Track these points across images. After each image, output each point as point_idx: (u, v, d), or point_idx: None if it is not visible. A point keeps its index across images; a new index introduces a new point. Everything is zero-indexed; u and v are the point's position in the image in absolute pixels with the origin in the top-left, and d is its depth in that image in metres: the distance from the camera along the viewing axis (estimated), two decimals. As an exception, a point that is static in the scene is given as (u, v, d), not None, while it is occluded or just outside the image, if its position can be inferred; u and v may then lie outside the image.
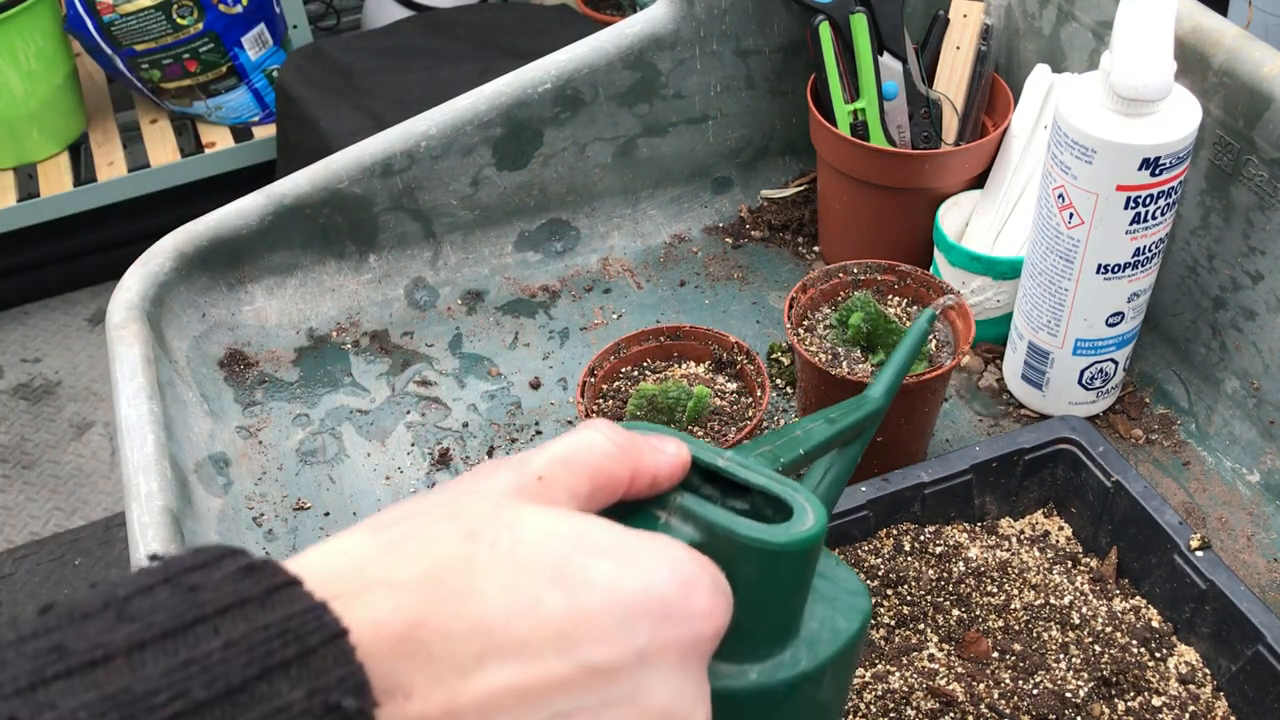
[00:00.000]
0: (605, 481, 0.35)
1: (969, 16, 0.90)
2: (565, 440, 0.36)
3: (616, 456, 0.35)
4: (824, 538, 0.36)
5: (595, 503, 0.35)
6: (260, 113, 2.13)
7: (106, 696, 0.25)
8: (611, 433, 0.36)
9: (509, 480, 0.34)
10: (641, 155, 1.01)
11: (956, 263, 0.85)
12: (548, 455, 0.35)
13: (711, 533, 0.36)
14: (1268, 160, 0.73)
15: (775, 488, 0.37)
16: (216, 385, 0.88)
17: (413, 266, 0.97)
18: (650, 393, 0.70)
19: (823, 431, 0.44)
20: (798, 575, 0.36)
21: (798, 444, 0.42)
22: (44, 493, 1.87)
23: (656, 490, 0.37)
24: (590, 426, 0.36)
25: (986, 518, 0.73)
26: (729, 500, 0.38)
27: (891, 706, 0.62)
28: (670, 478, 0.37)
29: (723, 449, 0.39)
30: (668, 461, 0.37)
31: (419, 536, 0.31)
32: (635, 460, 0.36)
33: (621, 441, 0.36)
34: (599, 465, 0.35)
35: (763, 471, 0.38)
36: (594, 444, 0.35)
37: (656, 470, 0.36)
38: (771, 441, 0.42)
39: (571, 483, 0.34)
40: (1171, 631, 0.66)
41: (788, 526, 0.35)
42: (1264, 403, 0.78)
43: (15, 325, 2.17)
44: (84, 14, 1.92)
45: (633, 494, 0.36)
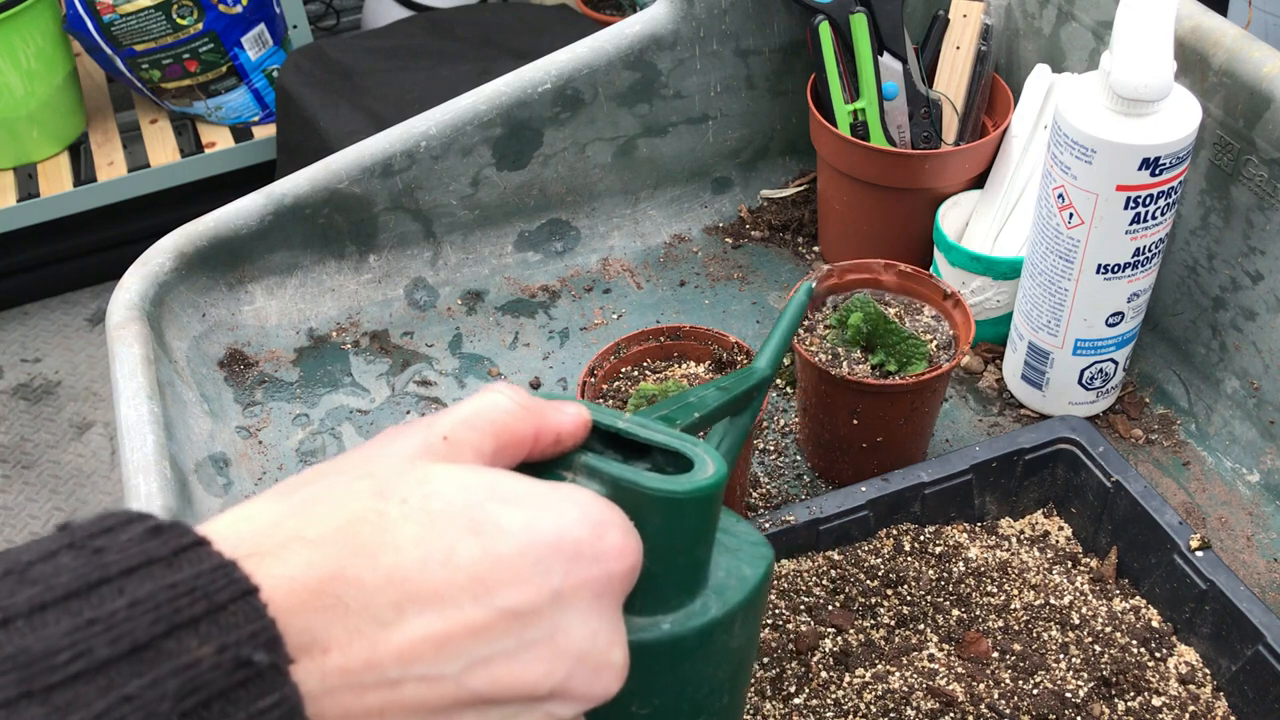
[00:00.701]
0: (510, 439, 0.36)
1: (969, 16, 0.90)
2: (469, 402, 0.36)
3: (520, 415, 0.36)
4: (724, 486, 0.37)
5: (501, 461, 0.36)
6: (260, 113, 2.13)
7: (5, 658, 0.25)
8: (514, 393, 0.37)
9: (415, 442, 0.34)
10: (641, 155, 1.01)
11: (956, 263, 0.85)
12: (452, 416, 0.35)
13: (616, 487, 0.37)
14: (1268, 160, 0.73)
15: (675, 443, 0.38)
16: (216, 385, 0.88)
17: (413, 266, 0.97)
18: (650, 393, 0.70)
19: (715, 398, 0.45)
20: (702, 523, 0.37)
21: (692, 409, 0.44)
22: (44, 493, 1.87)
23: (560, 449, 0.38)
24: (493, 389, 0.37)
25: (986, 518, 0.73)
26: (631, 461, 0.39)
27: (891, 706, 0.62)
28: (574, 435, 0.38)
29: (620, 413, 0.40)
30: (570, 420, 0.38)
31: (329, 496, 0.31)
32: (538, 419, 0.37)
33: (524, 401, 0.37)
34: (503, 424, 0.36)
35: (662, 429, 0.39)
36: (497, 404, 0.36)
37: (560, 428, 0.37)
38: (667, 406, 0.43)
39: (476, 441, 0.35)
40: (1171, 631, 0.66)
41: (690, 476, 0.37)
42: (1264, 403, 0.78)
43: (15, 325, 2.17)
44: (84, 14, 1.92)
45: (537, 453, 0.37)
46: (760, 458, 0.82)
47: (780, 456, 0.82)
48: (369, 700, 0.30)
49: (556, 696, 0.33)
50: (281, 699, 0.27)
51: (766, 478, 0.80)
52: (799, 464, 0.81)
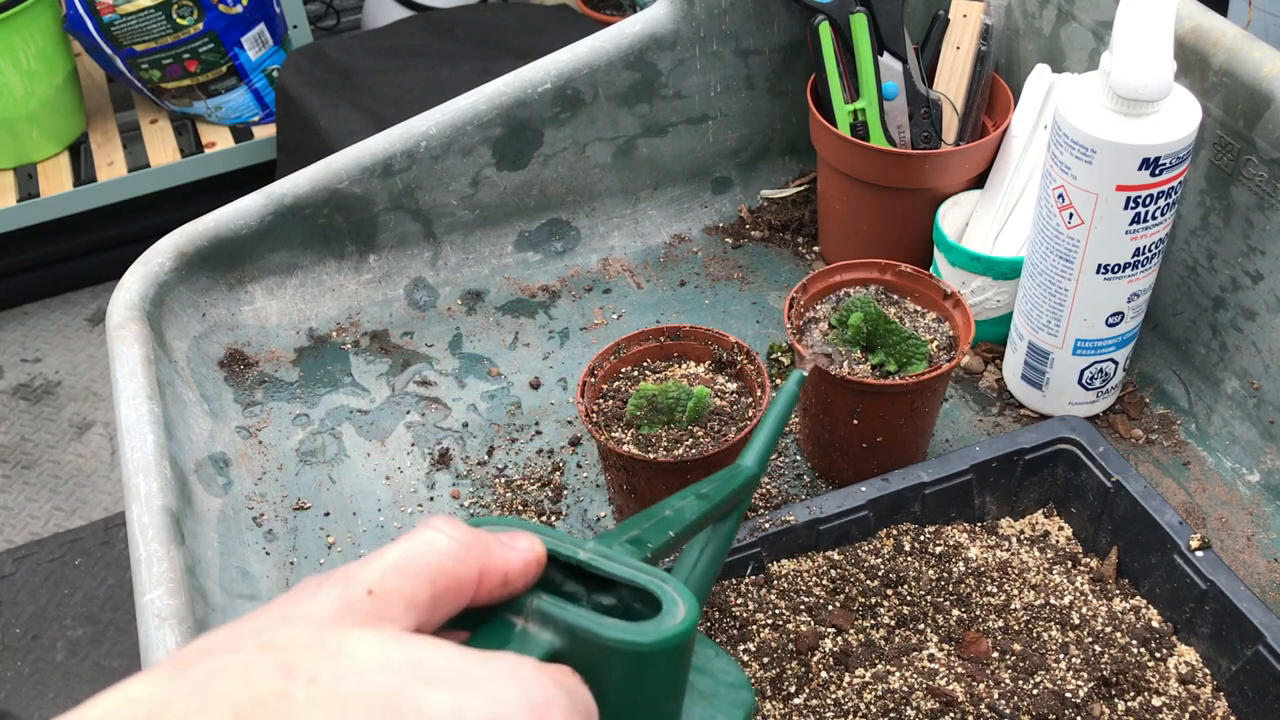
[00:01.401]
0: (448, 585, 0.32)
1: (969, 16, 0.90)
2: (400, 545, 0.32)
3: (460, 556, 0.32)
4: (695, 631, 0.33)
5: (439, 611, 0.32)
6: (260, 113, 2.13)
7: None
8: (453, 530, 0.33)
9: (333, 599, 0.30)
10: (641, 155, 1.01)
11: (956, 263, 0.85)
12: (379, 565, 0.31)
13: (573, 636, 0.33)
14: (1268, 160, 0.73)
15: (641, 579, 0.34)
16: (216, 385, 0.88)
17: (413, 266, 0.97)
18: (650, 393, 0.70)
19: (694, 509, 0.42)
20: (671, 675, 0.34)
21: (666, 526, 0.40)
22: (44, 493, 1.87)
23: (509, 591, 0.34)
24: (429, 525, 0.33)
25: (986, 518, 0.73)
26: (594, 595, 0.35)
27: (891, 706, 0.62)
28: (524, 575, 0.34)
29: (585, 540, 0.36)
30: (520, 558, 0.33)
31: (225, 673, 0.27)
32: (482, 559, 0.33)
33: (465, 539, 0.33)
34: (440, 568, 0.32)
35: (627, 562, 0.35)
36: (433, 544, 0.32)
37: (507, 568, 0.33)
38: (639, 525, 0.39)
39: (409, 591, 0.31)
40: (1171, 631, 0.66)
41: (657, 623, 0.33)
42: (1264, 403, 0.78)
43: (15, 325, 2.17)
44: (84, 14, 1.92)
45: (483, 598, 0.33)
46: (760, 458, 0.82)
47: (780, 456, 0.82)
48: None
49: None
50: None
51: (766, 478, 0.80)
52: (799, 464, 0.81)
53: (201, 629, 0.66)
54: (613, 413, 0.72)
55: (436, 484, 0.82)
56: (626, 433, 0.70)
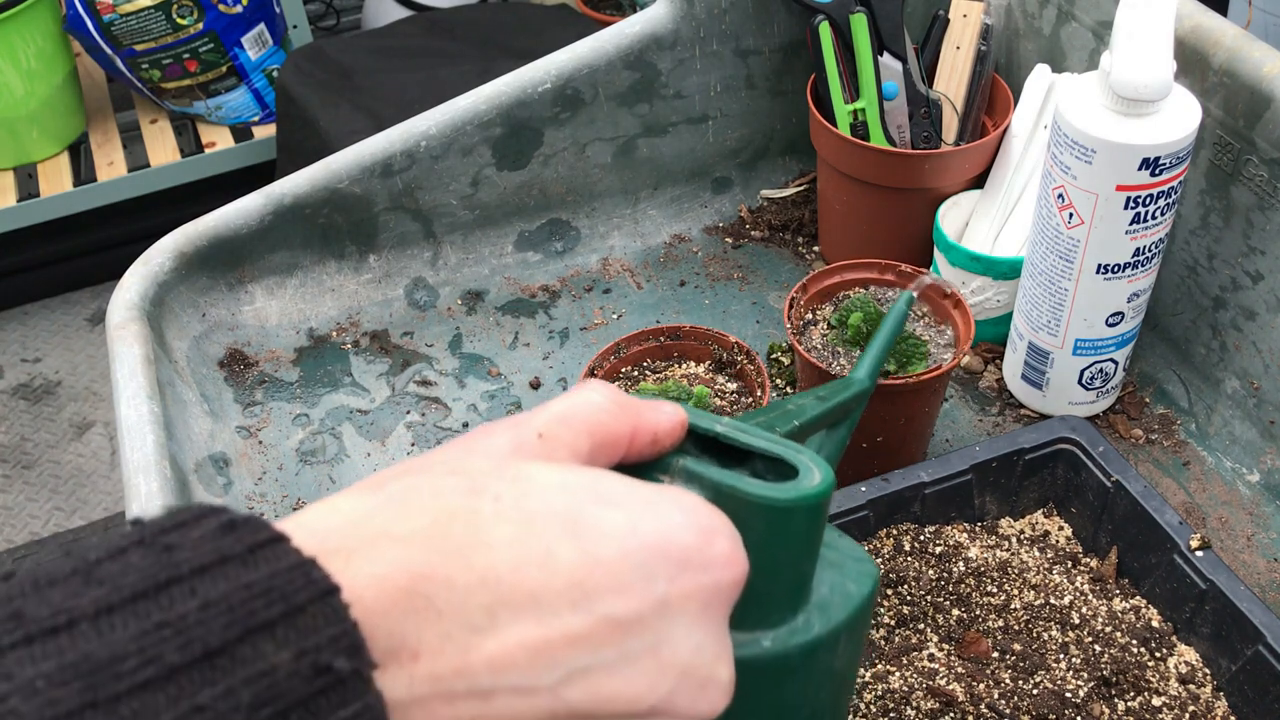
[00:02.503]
0: (605, 438, 0.34)
1: (969, 16, 0.90)
2: (564, 399, 0.35)
3: (615, 414, 0.35)
4: (830, 496, 0.35)
5: (597, 461, 0.34)
6: (260, 113, 2.13)
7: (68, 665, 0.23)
8: (609, 392, 0.35)
9: (508, 439, 0.33)
10: (641, 155, 1.01)
11: (956, 263, 0.85)
12: (547, 414, 0.34)
13: (718, 493, 0.34)
14: (1268, 160, 0.73)
15: (777, 449, 0.36)
16: (216, 385, 0.88)
17: (413, 266, 0.97)
18: (650, 393, 0.70)
19: (814, 407, 0.43)
20: (808, 534, 0.35)
21: (791, 416, 0.41)
22: (44, 493, 1.87)
23: (657, 449, 0.36)
24: (588, 386, 0.35)
25: (986, 518, 0.73)
26: (730, 467, 0.37)
27: (891, 706, 0.62)
28: (671, 434, 0.36)
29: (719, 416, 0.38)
30: (668, 419, 0.36)
31: (419, 491, 0.30)
32: (634, 418, 0.35)
33: (620, 400, 0.35)
34: (598, 422, 0.34)
35: (763, 434, 0.37)
36: (592, 401, 0.34)
37: (657, 428, 0.35)
38: (766, 414, 0.41)
39: (571, 439, 0.34)
40: (1171, 631, 0.66)
41: (796, 483, 0.34)
42: (1264, 403, 0.78)
43: (15, 325, 2.17)
44: (84, 14, 1.92)
45: (633, 454, 0.35)
46: (760, 458, 0.82)
47: (780, 456, 0.82)
48: (459, 710, 0.28)
49: (658, 713, 0.31)
50: (364, 708, 0.25)
51: (766, 478, 0.80)
52: (799, 464, 0.81)
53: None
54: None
55: (436, 484, 0.82)
56: (626, 433, 0.70)
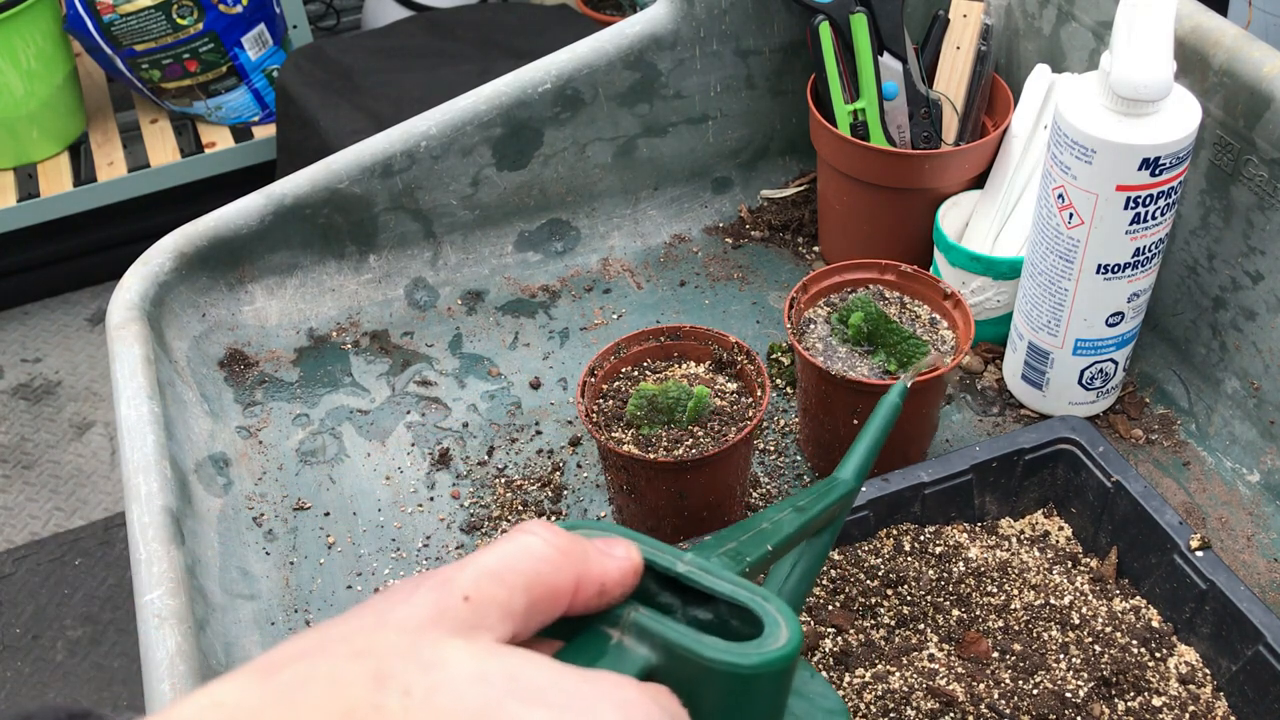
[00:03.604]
0: (545, 594, 0.31)
1: (969, 16, 0.90)
2: (497, 548, 0.31)
3: (557, 563, 0.31)
4: (797, 657, 0.32)
5: (535, 619, 0.31)
6: (260, 113, 2.13)
7: None
8: (551, 535, 0.32)
9: (428, 604, 0.29)
10: (641, 155, 1.01)
11: (956, 263, 0.85)
12: (475, 569, 0.30)
13: (671, 653, 0.31)
14: (1268, 160, 0.73)
15: (742, 596, 0.33)
16: (216, 385, 0.88)
17: (413, 266, 0.97)
18: (650, 393, 0.70)
19: (792, 522, 0.40)
20: (770, 699, 0.32)
21: (765, 539, 0.38)
22: (44, 493, 1.87)
23: (606, 601, 0.32)
24: (526, 530, 0.32)
25: (986, 518, 0.73)
26: (690, 609, 0.34)
27: (891, 706, 0.62)
28: (621, 585, 0.32)
29: (681, 550, 0.35)
30: (617, 567, 0.32)
31: (317, 680, 0.26)
32: (580, 567, 0.32)
33: (563, 545, 0.32)
34: (537, 574, 0.31)
35: (726, 577, 0.34)
36: (530, 550, 0.31)
37: (604, 577, 0.32)
38: (736, 536, 0.38)
39: (505, 599, 0.30)
40: (1171, 631, 0.66)
41: (759, 644, 0.31)
42: (1264, 403, 0.78)
43: (15, 325, 2.17)
44: (84, 14, 1.92)
45: (579, 607, 0.32)
46: (760, 458, 0.82)
47: (780, 456, 0.82)
48: None
49: None
50: None
51: (766, 478, 0.80)
52: (799, 464, 0.81)
53: (201, 629, 0.66)
54: (613, 413, 0.72)
55: (436, 484, 0.82)
56: (626, 433, 0.70)
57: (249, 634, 0.71)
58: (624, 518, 0.75)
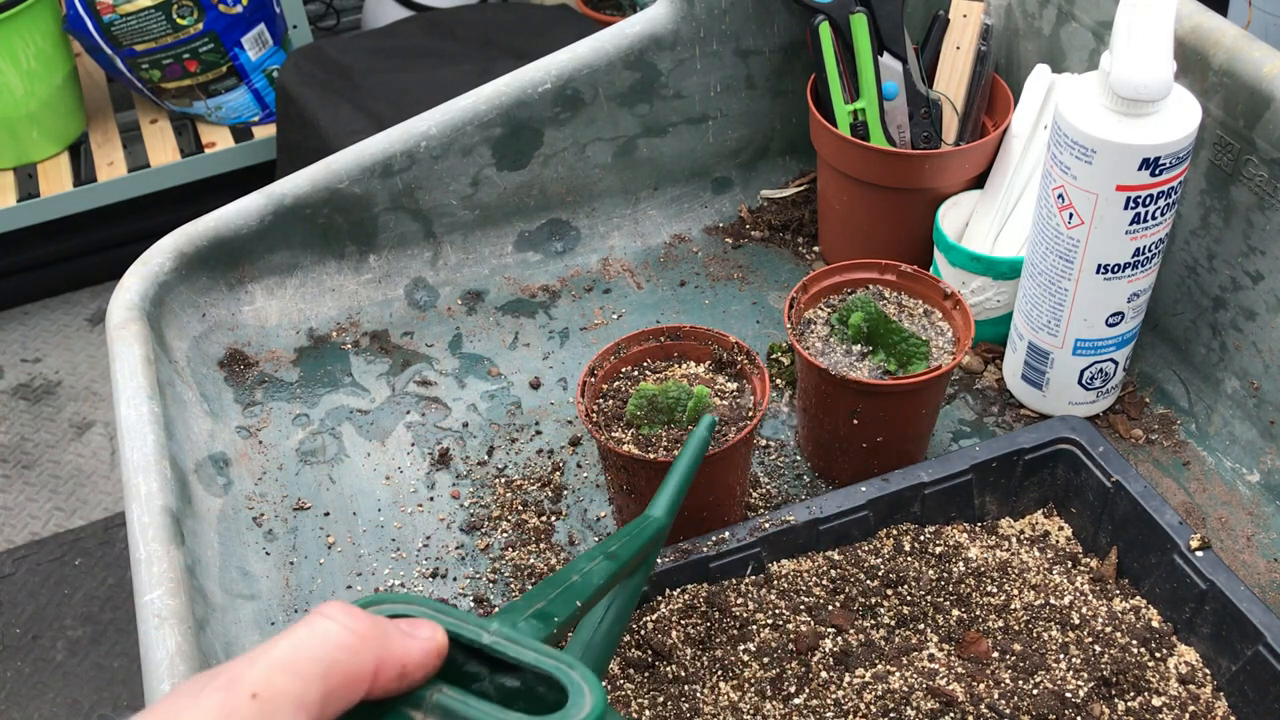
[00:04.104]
0: (342, 680, 0.30)
1: (969, 16, 0.90)
2: (290, 636, 0.30)
3: (355, 648, 0.31)
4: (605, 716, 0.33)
5: (331, 708, 0.30)
6: (260, 113, 2.13)
7: None
8: (349, 620, 0.31)
9: (214, 707, 0.28)
10: (641, 155, 1.01)
11: (956, 263, 0.85)
12: (265, 663, 0.29)
13: None
14: (1268, 160, 0.73)
15: (546, 665, 0.34)
16: (216, 385, 0.88)
17: (413, 266, 0.97)
18: (650, 393, 0.70)
19: (603, 571, 0.41)
20: None
21: (574, 595, 0.39)
22: (44, 493, 1.87)
23: (407, 684, 0.32)
24: (322, 614, 0.31)
25: (986, 518, 0.73)
26: (498, 677, 0.35)
27: (891, 706, 0.62)
28: (423, 667, 0.32)
29: (489, 620, 0.35)
30: (420, 649, 0.32)
31: None
32: (379, 650, 0.31)
33: (362, 630, 0.31)
34: (333, 661, 0.30)
35: (532, 645, 0.34)
36: (327, 636, 0.30)
37: (406, 659, 0.32)
38: (546, 594, 0.39)
39: (299, 691, 0.29)
40: (1171, 631, 0.66)
41: (563, 715, 0.32)
42: (1264, 403, 0.78)
43: (15, 325, 2.17)
44: (84, 14, 1.92)
45: (379, 691, 0.31)
46: (760, 457, 0.82)
47: (780, 456, 0.82)
48: None
49: None
50: None
51: (766, 478, 0.80)
52: (799, 464, 0.81)
53: (201, 629, 0.66)
54: (613, 413, 0.72)
55: (436, 484, 0.82)
56: (626, 433, 0.70)
57: (249, 634, 0.71)
58: (624, 518, 0.75)
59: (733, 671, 0.65)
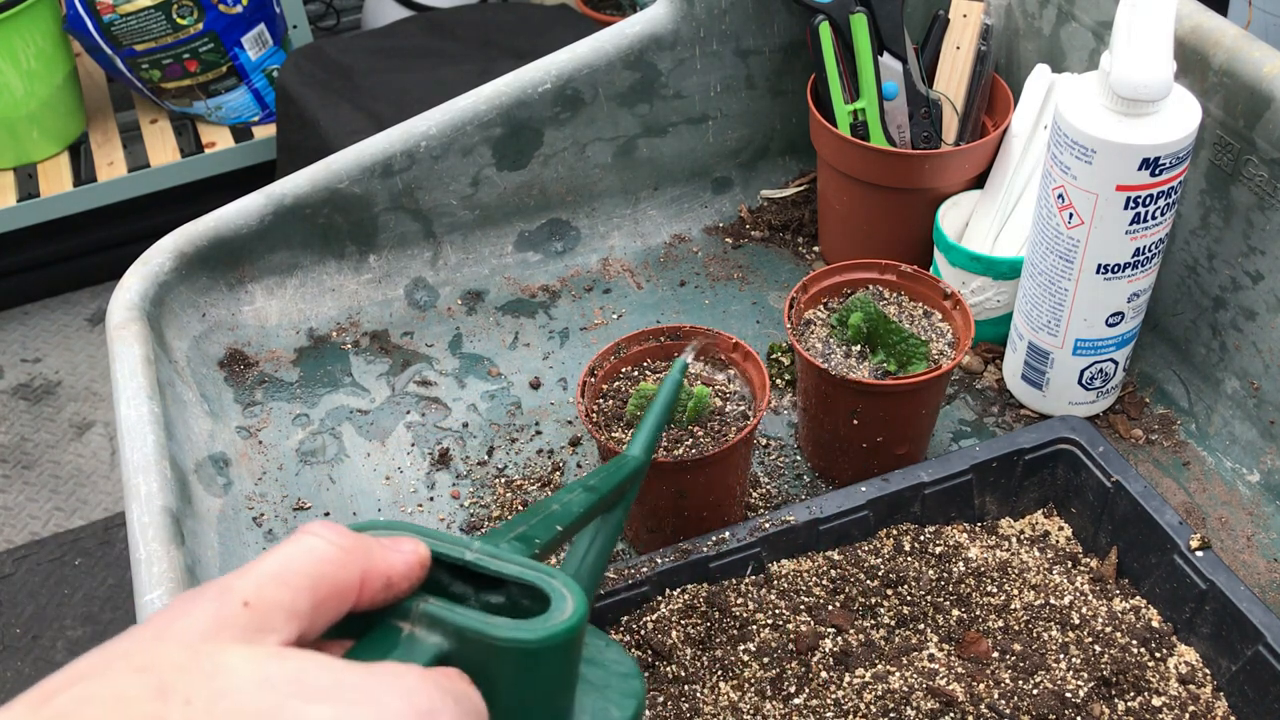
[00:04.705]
0: (330, 591, 0.31)
1: (969, 16, 0.90)
2: (278, 551, 0.31)
3: (340, 561, 0.32)
4: (585, 625, 0.34)
5: (322, 618, 0.31)
6: (260, 113, 2.13)
7: None
8: (333, 535, 0.32)
9: (209, 614, 0.29)
10: (641, 155, 1.01)
11: (956, 263, 0.85)
12: (256, 574, 0.30)
13: (462, 638, 0.33)
14: (1268, 160, 0.73)
15: (528, 575, 0.34)
16: (216, 385, 0.88)
17: (413, 266, 0.97)
18: (650, 393, 0.70)
19: (582, 501, 0.42)
20: (561, 671, 0.34)
21: (554, 520, 0.40)
22: (44, 493, 1.87)
23: (394, 595, 0.33)
24: (308, 531, 0.32)
25: (986, 518, 0.73)
26: (483, 594, 0.35)
27: (891, 706, 0.62)
28: (407, 578, 0.33)
29: (471, 539, 0.36)
30: (403, 561, 0.33)
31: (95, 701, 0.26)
32: (364, 562, 0.32)
33: (345, 543, 0.32)
34: (320, 574, 0.31)
35: (515, 560, 0.35)
36: (313, 550, 0.31)
37: (390, 571, 0.33)
38: (527, 521, 0.39)
39: (289, 600, 0.30)
40: (1171, 631, 0.66)
41: (545, 619, 0.33)
42: (1264, 403, 0.78)
43: (15, 325, 2.17)
44: (84, 14, 1.92)
45: (366, 602, 0.32)
46: (760, 457, 0.82)
47: (780, 456, 0.82)
48: None
49: None
50: None
51: (766, 478, 0.80)
52: (799, 464, 0.81)
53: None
54: (613, 413, 0.72)
55: (436, 484, 0.82)
56: (626, 433, 0.70)
57: (249, 634, 0.71)
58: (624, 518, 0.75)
59: (733, 671, 0.65)
